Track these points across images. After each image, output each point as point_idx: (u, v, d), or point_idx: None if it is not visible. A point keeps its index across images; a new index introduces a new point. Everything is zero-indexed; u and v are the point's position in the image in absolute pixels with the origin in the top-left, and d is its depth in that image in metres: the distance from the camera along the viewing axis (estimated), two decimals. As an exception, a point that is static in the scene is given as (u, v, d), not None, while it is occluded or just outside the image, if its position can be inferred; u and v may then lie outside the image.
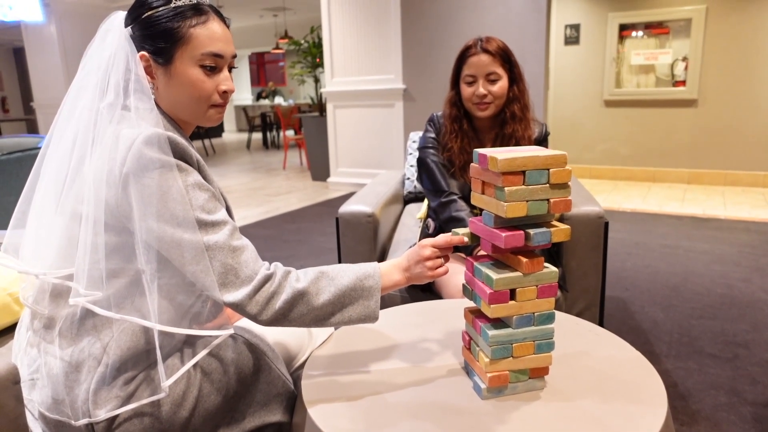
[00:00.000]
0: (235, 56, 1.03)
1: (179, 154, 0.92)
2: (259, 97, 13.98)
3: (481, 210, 0.96)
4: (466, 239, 1.02)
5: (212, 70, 0.98)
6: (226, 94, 1.02)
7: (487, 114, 1.72)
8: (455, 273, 1.63)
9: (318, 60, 6.62)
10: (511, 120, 1.73)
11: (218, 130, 13.52)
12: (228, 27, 1.02)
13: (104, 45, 0.97)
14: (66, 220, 0.95)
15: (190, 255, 0.89)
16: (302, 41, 6.83)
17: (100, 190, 0.90)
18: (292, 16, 11.26)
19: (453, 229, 1.04)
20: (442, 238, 1.03)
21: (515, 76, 1.72)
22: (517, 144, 1.73)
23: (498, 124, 1.77)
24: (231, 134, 14.56)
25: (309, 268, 0.99)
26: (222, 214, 0.93)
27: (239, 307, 0.91)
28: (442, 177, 1.77)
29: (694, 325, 2.40)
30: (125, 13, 0.99)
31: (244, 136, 13.69)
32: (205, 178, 0.97)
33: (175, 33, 0.95)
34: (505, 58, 1.70)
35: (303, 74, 7.14)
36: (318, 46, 6.52)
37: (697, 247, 3.53)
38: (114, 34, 0.97)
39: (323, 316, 0.96)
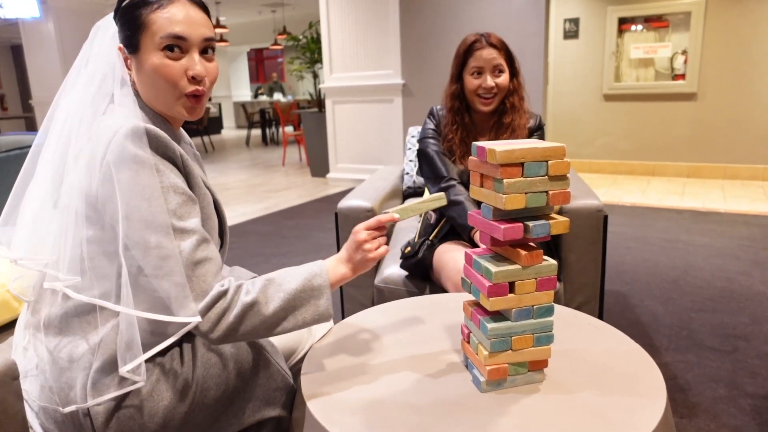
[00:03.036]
0: (208, 39, 0.97)
1: (161, 148, 0.91)
2: (257, 94, 13.91)
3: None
4: (396, 216, 1.05)
5: (177, 53, 0.94)
6: (195, 80, 0.96)
7: (490, 108, 1.78)
8: (448, 251, 1.69)
9: (316, 56, 6.60)
10: (511, 110, 1.79)
11: (217, 127, 13.49)
12: (204, 10, 0.99)
13: (94, 41, 0.99)
14: (56, 213, 0.96)
15: (154, 259, 0.87)
16: (301, 37, 6.80)
17: (82, 183, 0.91)
18: (291, 12, 11.24)
19: (384, 210, 1.06)
20: (374, 219, 1.04)
21: (515, 70, 1.79)
22: (514, 133, 1.78)
23: (497, 115, 1.83)
24: (230, 131, 14.54)
25: (257, 277, 0.96)
26: (193, 223, 0.91)
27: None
28: (442, 164, 1.81)
29: (694, 318, 2.40)
30: None
31: (243, 132, 13.66)
32: (189, 173, 0.96)
33: (136, 21, 0.94)
34: (508, 52, 1.77)
35: (302, 70, 7.12)
36: (317, 41, 6.51)
37: (697, 241, 3.53)
38: (103, 29, 0.99)
39: (276, 322, 0.94)
